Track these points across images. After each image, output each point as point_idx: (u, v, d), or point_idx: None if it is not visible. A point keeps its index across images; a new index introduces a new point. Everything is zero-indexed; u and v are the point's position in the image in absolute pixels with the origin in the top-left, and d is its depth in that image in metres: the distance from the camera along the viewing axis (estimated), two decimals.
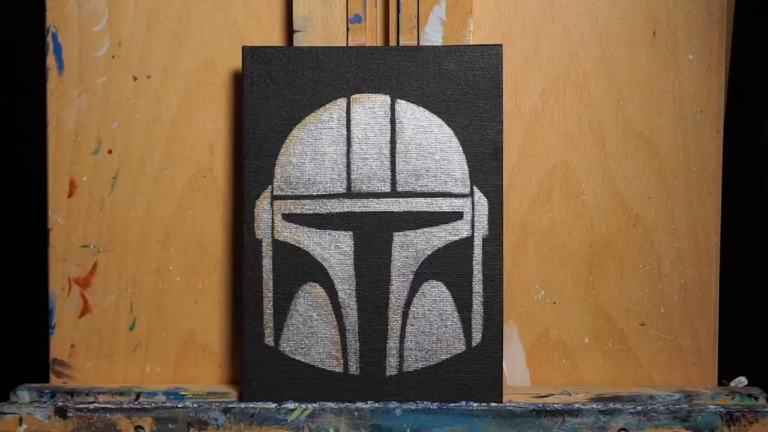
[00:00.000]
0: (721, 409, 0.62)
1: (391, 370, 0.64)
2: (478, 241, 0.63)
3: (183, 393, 0.65)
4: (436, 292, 0.63)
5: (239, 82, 0.66)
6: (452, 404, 0.63)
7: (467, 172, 0.63)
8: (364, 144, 0.63)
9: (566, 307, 0.67)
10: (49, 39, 0.67)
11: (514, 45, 0.66)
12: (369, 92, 0.64)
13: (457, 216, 0.63)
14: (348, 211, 0.63)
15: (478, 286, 0.63)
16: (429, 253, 0.63)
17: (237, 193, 0.67)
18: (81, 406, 0.63)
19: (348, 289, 0.63)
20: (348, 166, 0.63)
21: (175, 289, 0.67)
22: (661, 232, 0.66)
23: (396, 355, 0.64)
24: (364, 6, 0.65)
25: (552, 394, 0.64)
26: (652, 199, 0.66)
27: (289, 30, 0.66)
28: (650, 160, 0.66)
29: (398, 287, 0.63)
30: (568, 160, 0.66)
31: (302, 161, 0.64)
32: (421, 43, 0.65)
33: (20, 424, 0.62)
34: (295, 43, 0.65)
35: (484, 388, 0.63)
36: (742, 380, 0.67)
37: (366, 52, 0.64)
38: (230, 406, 0.63)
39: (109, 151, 0.67)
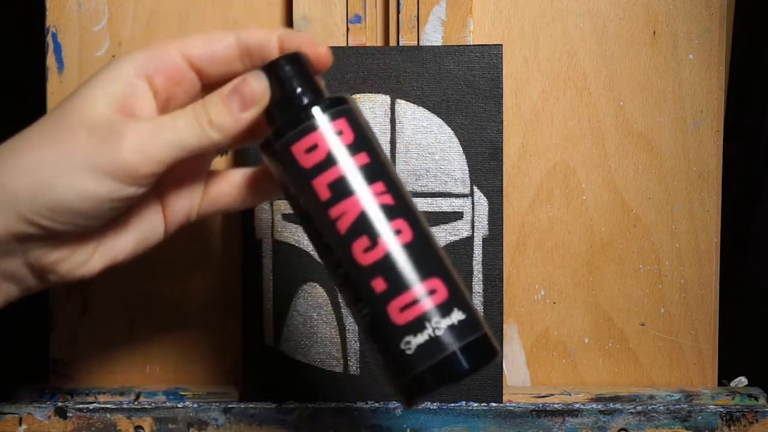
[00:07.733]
0: (721, 409, 0.62)
1: None
2: (478, 241, 0.63)
3: (183, 393, 0.65)
4: None
5: None
6: (452, 404, 0.63)
7: (467, 172, 0.63)
8: None
9: (566, 307, 0.67)
10: (49, 39, 0.67)
11: (514, 45, 0.66)
12: (369, 92, 0.64)
13: (457, 216, 0.63)
14: None
15: (478, 286, 0.63)
16: None
17: None
18: (81, 406, 0.63)
19: None
20: None
21: (176, 288, 0.67)
22: (661, 232, 0.66)
23: None
24: (364, 6, 0.65)
25: (552, 394, 0.64)
26: (652, 199, 0.66)
27: None
28: (650, 160, 0.66)
29: None
30: (568, 160, 0.66)
31: None
32: (421, 43, 0.65)
33: (20, 424, 0.62)
34: None
35: (484, 388, 0.63)
36: (742, 380, 0.67)
37: (366, 52, 0.64)
38: (230, 406, 0.63)
39: None
